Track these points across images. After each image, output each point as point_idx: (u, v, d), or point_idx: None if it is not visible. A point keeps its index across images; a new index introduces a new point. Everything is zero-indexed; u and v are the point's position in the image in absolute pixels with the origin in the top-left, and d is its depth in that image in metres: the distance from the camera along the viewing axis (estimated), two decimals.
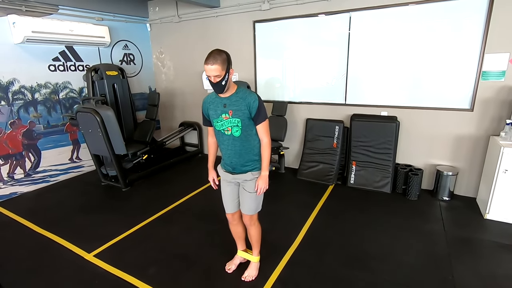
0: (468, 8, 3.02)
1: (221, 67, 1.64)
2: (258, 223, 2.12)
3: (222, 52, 1.68)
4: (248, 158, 1.90)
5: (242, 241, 2.31)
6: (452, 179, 3.30)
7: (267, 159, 1.90)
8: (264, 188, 1.91)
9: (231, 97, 1.80)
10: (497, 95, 3.05)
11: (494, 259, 2.35)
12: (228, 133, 1.84)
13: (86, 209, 3.40)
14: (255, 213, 2.03)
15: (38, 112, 3.95)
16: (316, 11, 3.78)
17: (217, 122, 1.85)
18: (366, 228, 2.84)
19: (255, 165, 1.93)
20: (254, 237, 2.15)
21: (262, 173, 1.92)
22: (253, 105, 1.77)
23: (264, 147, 1.88)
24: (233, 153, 1.89)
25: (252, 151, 1.90)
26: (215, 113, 1.85)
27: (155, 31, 5.33)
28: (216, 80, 1.68)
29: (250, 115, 1.79)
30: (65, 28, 3.90)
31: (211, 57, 1.64)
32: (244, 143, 1.86)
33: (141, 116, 4.97)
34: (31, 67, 3.82)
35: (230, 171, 1.97)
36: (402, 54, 3.44)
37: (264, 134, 1.86)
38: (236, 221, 2.17)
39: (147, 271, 2.32)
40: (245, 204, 2.01)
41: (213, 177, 2.15)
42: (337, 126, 3.86)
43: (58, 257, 2.55)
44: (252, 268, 2.22)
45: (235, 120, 1.79)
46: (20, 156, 3.82)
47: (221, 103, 1.82)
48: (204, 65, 1.66)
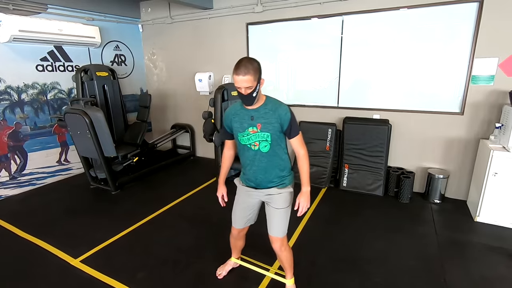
0: (458, 13, 3.07)
1: (253, 78, 1.49)
2: (289, 246, 1.91)
3: (253, 61, 1.52)
4: (274, 174, 1.73)
5: (238, 252, 2.22)
6: (443, 182, 3.32)
7: (307, 172, 1.70)
8: (307, 206, 1.70)
9: (260, 108, 1.63)
10: (486, 99, 3.10)
11: (484, 262, 2.36)
12: (255, 148, 1.67)
13: (73, 213, 3.31)
14: (285, 234, 1.81)
15: (24, 113, 3.84)
16: (309, 14, 3.79)
17: (243, 136, 1.67)
18: (359, 231, 2.83)
19: (282, 181, 1.75)
20: (287, 262, 1.92)
21: (303, 190, 1.71)
22: (285, 117, 1.60)
23: (303, 159, 1.70)
24: (258, 170, 1.72)
25: (279, 166, 1.73)
26: (240, 126, 1.67)
27: (147, 32, 5.27)
28: (247, 92, 1.52)
29: (281, 128, 1.63)
30: (54, 27, 3.82)
31: (242, 67, 1.48)
32: (272, 159, 1.69)
33: (132, 118, 4.89)
34: (18, 67, 3.72)
35: (253, 187, 1.81)
36: (394, 58, 3.47)
37: (300, 146, 1.69)
38: (240, 236, 2.04)
39: (135, 277, 2.26)
40: (274, 225, 1.77)
41: (222, 193, 1.94)
42: (330, 129, 3.86)
43: (43, 263, 2.47)
44: None
45: (264, 135, 1.62)
46: (5, 158, 3.71)
47: (248, 115, 1.64)
48: (234, 75, 1.50)
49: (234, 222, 1.96)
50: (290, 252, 1.93)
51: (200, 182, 4.06)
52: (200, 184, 4.00)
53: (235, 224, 1.96)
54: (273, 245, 1.83)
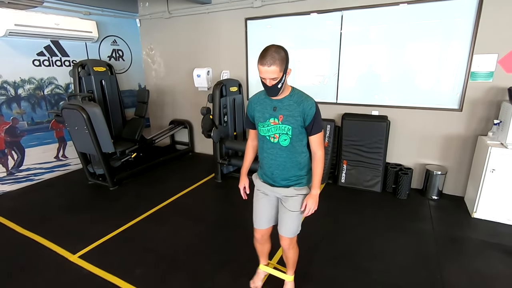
0: (458, 9, 3.04)
1: (280, 68, 1.40)
2: (297, 245, 1.89)
3: (280, 49, 1.41)
4: (292, 173, 1.65)
5: (266, 257, 2.10)
6: (441, 178, 3.33)
7: (320, 175, 1.62)
8: (314, 209, 1.64)
9: (284, 99, 1.55)
10: (485, 96, 3.09)
11: (481, 258, 2.37)
12: (275, 141, 1.60)
13: (71, 209, 3.30)
14: (295, 235, 1.78)
15: (21, 109, 3.81)
16: (308, 9, 3.76)
17: (263, 127, 1.61)
18: (356, 227, 2.84)
19: (300, 181, 1.68)
20: (291, 260, 1.92)
21: (312, 192, 1.64)
22: (309, 112, 1.51)
23: (318, 161, 1.61)
24: (276, 164, 1.64)
25: (299, 165, 1.64)
26: (262, 116, 1.61)
27: (145, 26, 5.22)
28: (272, 83, 1.44)
29: (303, 123, 1.54)
30: (51, 21, 3.77)
31: (268, 56, 1.38)
32: (291, 155, 1.61)
33: (130, 113, 4.86)
34: (14, 62, 3.68)
35: (269, 183, 1.73)
36: (393, 54, 3.46)
37: (318, 146, 1.60)
38: (264, 240, 1.92)
39: (133, 273, 2.26)
40: (285, 225, 1.73)
41: (244, 185, 1.86)
42: (329, 125, 3.85)
43: (41, 258, 2.47)
44: None
45: (285, 127, 1.55)
46: (2, 154, 3.69)
47: (270, 105, 1.58)
48: (259, 65, 1.41)
49: (256, 223, 1.85)
50: (297, 251, 1.91)
51: (199, 178, 4.06)
52: (198, 180, 3.99)
53: (258, 224, 1.84)
54: (281, 243, 1.81)
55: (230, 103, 4.02)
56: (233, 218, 3.03)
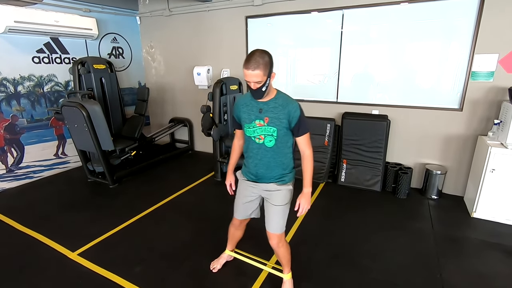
0: (459, 9, 3.04)
1: (263, 72, 1.46)
2: (286, 242, 1.91)
3: (264, 54, 1.48)
4: (276, 172, 1.71)
5: (234, 243, 2.22)
6: (441, 178, 3.33)
7: (311, 173, 1.68)
8: (307, 208, 1.68)
9: (269, 102, 1.61)
10: (485, 96, 3.09)
11: (480, 257, 2.38)
12: (260, 142, 1.65)
13: (71, 207, 3.30)
14: (283, 231, 1.80)
15: (21, 106, 3.80)
16: (308, 7, 3.75)
17: (249, 128, 1.67)
18: (356, 226, 2.84)
19: (282, 179, 1.74)
20: (284, 259, 1.93)
21: (304, 190, 1.70)
22: (295, 114, 1.57)
23: (307, 160, 1.67)
24: (261, 164, 1.70)
25: (282, 164, 1.71)
26: (247, 118, 1.66)
27: (145, 24, 5.21)
28: (257, 87, 1.50)
29: (288, 125, 1.60)
30: (50, 18, 3.76)
31: (252, 61, 1.44)
32: (276, 156, 1.67)
33: (130, 111, 4.85)
34: (13, 59, 3.67)
35: (253, 180, 1.80)
36: (393, 53, 3.45)
37: (306, 146, 1.66)
38: (240, 227, 2.05)
39: (133, 270, 2.26)
40: (271, 221, 1.77)
41: (230, 182, 1.96)
42: (329, 124, 3.85)
43: (41, 256, 2.47)
44: (287, 287, 2.01)
45: (270, 129, 1.60)
46: (2, 151, 3.68)
47: (256, 107, 1.63)
48: (244, 69, 1.48)
49: (236, 213, 1.96)
50: (288, 248, 1.92)
51: (198, 177, 4.05)
52: (198, 179, 3.99)
53: (236, 214, 1.96)
54: (270, 241, 1.83)
55: (230, 102, 4.01)
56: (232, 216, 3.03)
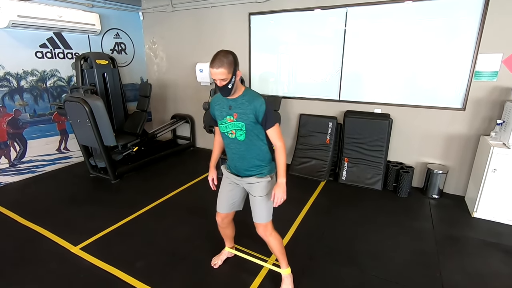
0: (464, 7, 3.02)
1: (227, 70, 1.55)
2: (276, 232, 1.94)
3: (228, 54, 1.58)
4: (252, 163, 1.80)
5: (230, 240, 2.26)
6: (442, 177, 3.33)
7: (283, 164, 1.75)
8: (282, 197, 1.74)
9: (237, 99, 1.71)
10: (489, 95, 3.08)
11: (481, 257, 2.38)
12: (232, 137, 1.76)
13: (73, 201, 3.32)
14: (268, 221, 1.87)
15: (24, 100, 3.82)
16: (312, 5, 3.73)
17: (222, 124, 1.78)
18: (357, 224, 2.85)
19: (260, 171, 1.82)
20: (275, 249, 1.96)
21: (278, 181, 1.75)
22: (260, 109, 1.66)
23: (279, 151, 1.75)
24: (236, 157, 1.81)
25: (257, 156, 1.79)
26: (220, 115, 1.77)
27: (148, 20, 5.20)
28: (222, 84, 1.60)
29: (256, 119, 1.69)
30: (53, 13, 3.76)
31: (216, 60, 1.55)
32: (249, 148, 1.76)
33: (132, 107, 4.86)
34: (17, 53, 3.68)
35: (235, 174, 1.89)
36: (396, 52, 3.43)
37: (277, 138, 1.74)
38: (225, 224, 2.09)
39: (134, 265, 2.28)
40: (255, 212, 1.86)
41: (212, 177, 2.05)
42: (331, 122, 3.85)
43: (43, 249, 2.49)
44: (286, 283, 2.01)
45: (239, 124, 1.71)
46: (5, 145, 3.70)
47: (226, 105, 1.73)
48: (210, 68, 1.58)
49: (219, 207, 2.02)
50: (278, 238, 1.96)
51: (200, 173, 4.07)
52: (199, 175, 4.00)
53: (219, 208, 2.01)
54: (258, 231, 1.92)
55: None
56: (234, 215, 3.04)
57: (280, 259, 2.02)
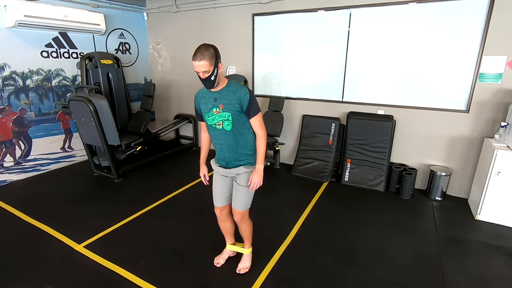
0: (468, 9, 3.01)
1: (209, 63, 1.62)
2: (250, 219, 2.09)
3: (209, 47, 1.64)
4: (241, 153, 1.88)
5: (231, 236, 2.29)
6: (445, 179, 3.32)
7: (263, 152, 1.85)
8: (258, 183, 1.86)
9: (222, 91, 1.78)
10: (493, 98, 3.07)
11: (483, 260, 2.37)
12: (220, 128, 1.82)
13: (77, 200, 3.35)
14: (246, 209, 2.00)
15: (29, 99, 3.85)
16: (316, 6, 3.74)
17: (208, 117, 1.84)
18: (359, 225, 2.85)
19: (249, 160, 1.90)
20: (245, 233, 2.14)
21: (256, 167, 1.86)
22: (244, 98, 1.74)
23: (259, 139, 1.85)
24: (225, 148, 1.87)
25: (245, 145, 1.87)
26: (206, 108, 1.83)
27: (152, 20, 5.23)
28: (205, 76, 1.67)
29: (241, 109, 1.76)
30: (59, 13, 3.79)
31: (198, 53, 1.62)
32: (237, 137, 1.83)
33: (136, 107, 4.90)
34: (22, 53, 3.72)
35: (223, 166, 1.95)
36: (400, 53, 3.43)
37: (259, 127, 1.83)
38: (224, 216, 2.14)
39: (137, 264, 2.30)
40: (237, 199, 1.96)
41: (204, 173, 2.13)
42: (333, 124, 3.85)
43: (47, 247, 2.51)
44: (245, 260, 2.22)
45: (225, 114, 1.77)
46: (10, 143, 3.74)
47: (212, 97, 1.80)
48: (192, 61, 1.64)
49: (215, 201, 2.09)
50: (250, 224, 2.12)
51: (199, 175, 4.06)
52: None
53: (216, 202, 2.09)
54: (234, 217, 2.04)
55: None
56: None
57: (246, 241, 2.19)
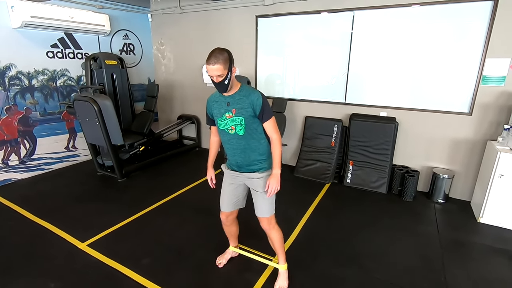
0: (472, 12, 3.01)
1: (223, 67, 1.60)
2: (278, 226, 2.00)
3: (223, 51, 1.63)
4: (253, 158, 1.84)
5: (234, 239, 2.29)
6: (448, 182, 3.31)
7: (279, 156, 1.80)
8: (276, 188, 1.80)
9: (235, 95, 1.75)
10: (496, 100, 3.06)
11: (485, 263, 2.37)
12: (232, 132, 1.79)
13: (80, 199, 3.38)
14: (271, 214, 1.92)
15: (34, 99, 3.90)
16: (319, 8, 3.75)
17: (221, 121, 1.81)
18: (361, 227, 2.85)
19: (262, 165, 1.86)
20: (276, 243, 2.01)
21: (273, 172, 1.80)
22: (257, 102, 1.71)
23: (274, 143, 1.80)
24: (238, 152, 1.84)
25: (258, 150, 1.83)
26: (218, 112, 1.80)
27: (156, 21, 5.27)
28: (219, 80, 1.64)
29: (254, 113, 1.73)
30: (65, 14, 3.84)
31: (212, 57, 1.60)
32: (249, 142, 1.80)
33: (139, 107, 4.93)
34: (29, 53, 3.76)
35: (235, 170, 1.92)
36: (403, 55, 3.43)
37: (273, 131, 1.79)
38: (229, 222, 2.12)
39: (140, 262, 2.32)
40: (258, 206, 1.90)
41: (211, 176, 2.09)
42: (336, 125, 3.86)
43: (51, 245, 2.54)
44: (282, 278, 2.07)
45: (238, 119, 1.74)
46: (15, 142, 3.78)
47: (224, 102, 1.77)
48: (206, 65, 1.62)
49: (222, 206, 2.05)
50: (280, 232, 2.01)
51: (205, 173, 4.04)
52: (204, 175, 3.96)
53: (223, 207, 2.05)
54: (261, 224, 1.97)
55: None
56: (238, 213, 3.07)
57: (279, 254, 2.06)
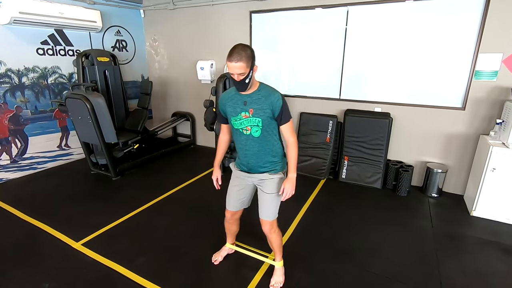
0: (465, 7, 3.02)
1: (246, 64, 1.54)
2: (279, 229, 1.98)
3: (246, 48, 1.56)
4: (265, 160, 1.78)
5: (233, 236, 2.29)
6: (441, 176, 3.35)
7: (295, 159, 1.73)
8: (291, 192, 1.74)
9: (253, 94, 1.68)
10: (488, 95, 3.09)
11: (479, 255, 2.41)
12: (247, 133, 1.72)
13: (74, 198, 3.34)
14: (274, 218, 1.88)
15: (25, 97, 3.83)
16: (313, 3, 3.74)
17: (235, 121, 1.73)
18: (356, 222, 2.87)
19: (274, 167, 1.81)
20: (275, 244, 2.01)
21: (289, 175, 1.74)
22: (277, 104, 1.64)
23: (291, 147, 1.73)
24: (250, 154, 1.77)
25: (271, 152, 1.78)
26: (233, 111, 1.73)
27: (149, 17, 5.20)
28: (240, 78, 1.57)
29: (272, 114, 1.67)
30: (55, 10, 3.76)
31: (235, 54, 1.52)
32: (263, 144, 1.74)
33: (133, 104, 4.87)
34: (18, 50, 3.68)
35: (245, 171, 1.87)
36: (397, 51, 3.44)
37: (290, 134, 1.73)
38: (233, 220, 2.10)
39: (136, 261, 2.30)
40: (264, 209, 1.86)
41: (217, 176, 2.00)
42: (331, 121, 3.86)
43: (45, 245, 2.51)
44: (278, 274, 2.09)
45: (255, 120, 1.67)
46: (6, 141, 3.71)
47: (241, 101, 1.70)
48: (227, 62, 1.54)
49: (228, 205, 2.02)
50: (279, 234, 2.00)
51: (200, 171, 4.08)
52: (200, 173, 4.02)
53: (229, 206, 2.02)
54: (263, 228, 1.92)
55: None
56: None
57: (277, 253, 2.08)
